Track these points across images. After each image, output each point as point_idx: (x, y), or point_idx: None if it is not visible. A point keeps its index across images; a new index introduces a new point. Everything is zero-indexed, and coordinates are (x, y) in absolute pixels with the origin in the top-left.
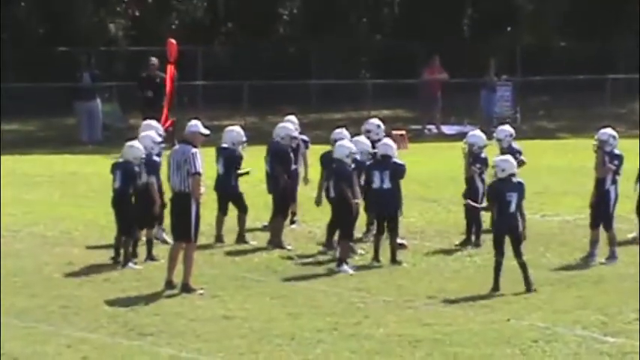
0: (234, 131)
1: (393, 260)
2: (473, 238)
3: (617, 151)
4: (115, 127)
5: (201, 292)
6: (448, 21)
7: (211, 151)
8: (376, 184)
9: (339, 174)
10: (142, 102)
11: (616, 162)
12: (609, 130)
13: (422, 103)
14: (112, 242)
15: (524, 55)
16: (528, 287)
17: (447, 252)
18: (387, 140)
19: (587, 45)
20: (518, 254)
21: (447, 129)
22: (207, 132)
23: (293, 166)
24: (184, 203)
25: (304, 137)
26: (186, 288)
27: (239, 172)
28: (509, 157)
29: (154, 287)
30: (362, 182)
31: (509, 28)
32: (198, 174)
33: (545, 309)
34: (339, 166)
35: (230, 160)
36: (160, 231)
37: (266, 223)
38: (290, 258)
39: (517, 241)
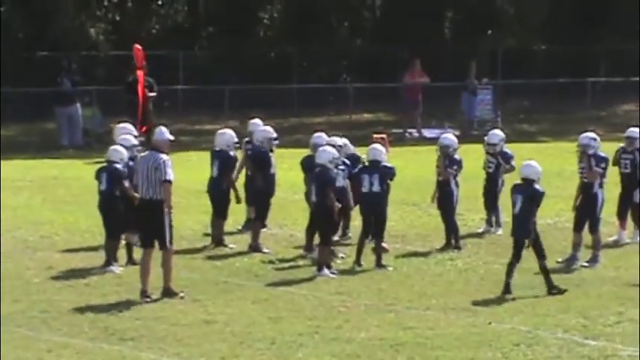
0: (227, 134)
1: (379, 264)
2: (453, 241)
3: (602, 154)
4: (95, 132)
5: (182, 294)
6: (429, 24)
7: (198, 155)
8: (366, 187)
9: (322, 179)
10: (127, 106)
11: (602, 165)
12: (589, 134)
13: (403, 107)
14: (93, 246)
15: (505, 59)
16: (505, 290)
17: (429, 255)
18: (377, 145)
19: (567, 48)
20: (513, 255)
21: (427, 132)
22: (172, 137)
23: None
24: (156, 210)
25: None
26: (168, 292)
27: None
28: (532, 162)
29: (134, 292)
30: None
31: (490, 32)
32: (169, 182)
33: (526, 312)
34: (322, 172)
35: (224, 163)
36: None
37: (240, 227)
38: (271, 262)
39: (515, 243)
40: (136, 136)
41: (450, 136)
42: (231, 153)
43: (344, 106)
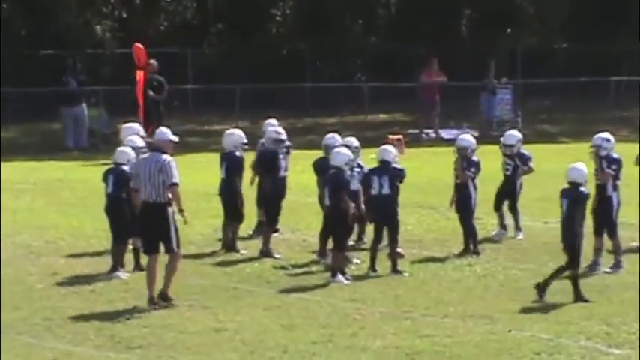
0: (235, 134)
1: (394, 270)
2: (471, 246)
3: (614, 155)
4: (101, 133)
5: (174, 302)
6: (446, 22)
7: (207, 157)
8: (375, 190)
9: (336, 182)
10: (134, 106)
11: (614, 166)
12: (602, 134)
13: (420, 107)
14: (99, 251)
15: (525, 57)
16: (541, 293)
17: (446, 261)
18: (387, 146)
19: (589, 47)
20: (567, 261)
21: (445, 133)
22: (176, 139)
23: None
24: (161, 214)
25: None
26: (164, 296)
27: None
28: (579, 165)
29: (142, 298)
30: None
31: (509, 30)
32: (176, 185)
33: (547, 319)
34: (337, 174)
35: (233, 165)
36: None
37: (250, 232)
38: (283, 268)
39: (565, 249)
40: (143, 137)
41: (467, 137)
42: (238, 154)
43: (359, 106)
